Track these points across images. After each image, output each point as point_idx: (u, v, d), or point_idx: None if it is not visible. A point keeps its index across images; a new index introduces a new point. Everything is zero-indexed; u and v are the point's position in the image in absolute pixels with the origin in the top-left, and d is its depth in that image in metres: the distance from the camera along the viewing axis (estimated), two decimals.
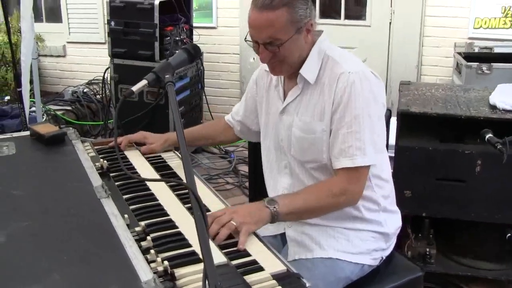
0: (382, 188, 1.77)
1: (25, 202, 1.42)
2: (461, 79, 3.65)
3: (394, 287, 1.77)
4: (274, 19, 1.57)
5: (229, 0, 4.68)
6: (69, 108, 4.93)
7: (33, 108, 4.26)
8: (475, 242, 2.68)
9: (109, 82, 4.35)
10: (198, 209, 0.96)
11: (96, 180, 1.55)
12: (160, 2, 3.91)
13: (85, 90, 5.05)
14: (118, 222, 1.32)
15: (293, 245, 1.76)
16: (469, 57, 3.68)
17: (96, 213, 1.36)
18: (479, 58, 3.63)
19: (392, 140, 2.49)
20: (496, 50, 3.70)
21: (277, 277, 1.27)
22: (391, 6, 4.21)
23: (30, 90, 4.62)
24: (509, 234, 2.46)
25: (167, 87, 1.30)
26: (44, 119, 4.34)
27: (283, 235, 1.81)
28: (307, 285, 1.26)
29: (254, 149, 2.56)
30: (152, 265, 1.19)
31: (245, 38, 1.67)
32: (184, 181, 1.09)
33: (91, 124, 4.85)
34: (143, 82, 1.36)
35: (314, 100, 1.70)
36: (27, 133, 1.96)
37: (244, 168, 4.19)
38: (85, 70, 5.38)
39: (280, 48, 1.61)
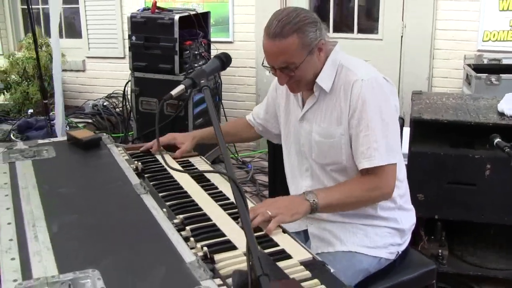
0: (399, 187, 1.88)
1: (72, 199, 1.56)
2: (470, 89, 3.76)
3: (409, 279, 1.88)
4: (286, 46, 1.69)
5: (245, 16, 4.83)
6: (89, 120, 5.11)
7: (55, 121, 4.43)
8: (485, 243, 2.79)
9: (129, 95, 4.52)
10: (237, 192, 1.09)
11: (134, 179, 1.69)
12: (180, 18, 4.08)
13: (105, 104, 5.23)
14: (159, 214, 1.45)
15: (315, 240, 1.88)
16: (478, 68, 3.80)
17: (138, 207, 1.49)
18: (488, 69, 3.74)
19: (405, 148, 2.61)
20: (505, 61, 3.81)
21: (304, 263, 1.39)
22: (402, 20, 4.35)
23: (51, 104, 4.81)
24: None
25: (203, 90, 1.44)
26: (67, 130, 4.50)
27: (305, 232, 1.93)
28: (332, 270, 1.38)
29: (273, 159, 2.70)
30: (193, 251, 1.31)
31: (262, 63, 1.80)
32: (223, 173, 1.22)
33: (112, 136, 5.00)
34: (181, 86, 1.49)
35: (330, 106, 1.82)
36: (64, 138, 2.11)
37: (261, 178, 4.32)
38: (104, 84, 5.55)
39: (295, 71, 1.73)
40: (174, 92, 1.49)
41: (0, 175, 1.70)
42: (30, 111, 4.92)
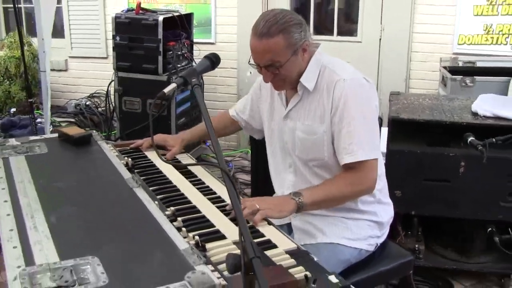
0: (377, 183, 1.98)
1: (67, 192, 1.63)
2: (446, 91, 3.89)
3: (388, 269, 1.98)
4: (272, 46, 1.78)
5: (227, 17, 4.90)
6: (72, 120, 5.14)
7: (39, 120, 4.45)
8: (460, 238, 2.91)
9: (112, 94, 4.55)
10: (229, 182, 1.17)
11: (125, 174, 1.75)
12: (164, 19, 4.14)
13: (87, 103, 5.25)
14: (151, 206, 1.52)
15: (298, 232, 1.97)
16: (454, 71, 3.93)
17: (131, 199, 1.56)
18: (463, 72, 3.88)
19: (383, 147, 2.72)
20: (479, 64, 3.96)
21: (289, 252, 1.48)
22: (381, 24, 4.47)
23: (34, 103, 4.82)
24: (490, 229, 2.68)
25: (194, 89, 1.51)
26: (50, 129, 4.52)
27: (289, 225, 2.02)
28: (315, 259, 1.48)
29: (256, 157, 2.78)
30: (185, 239, 1.39)
31: (249, 61, 1.89)
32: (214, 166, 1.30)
33: None
34: (173, 85, 1.56)
35: (314, 105, 1.92)
36: (55, 135, 2.16)
37: (242, 176, 4.40)
38: (86, 84, 5.56)
39: (279, 69, 1.82)
40: (166, 90, 1.56)
41: None
42: (13, 110, 4.92)
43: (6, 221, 1.40)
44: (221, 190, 1.83)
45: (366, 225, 1.98)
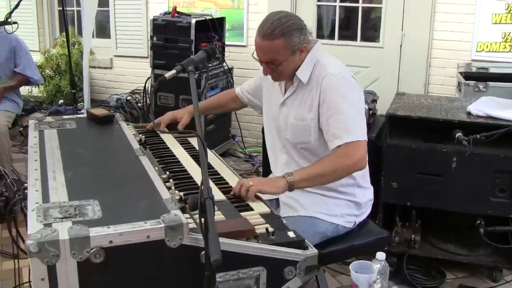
0: None
1: (85, 156, 1.97)
2: (461, 95, 4.06)
3: (363, 243, 2.23)
4: (273, 46, 2.06)
5: (258, 22, 5.21)
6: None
7: (83, 110, 4.90)
8: (453, 230, 3.09)
9: (149, 90, 4.96)
10: (201, 146, 1.47)
11: (135, 145, 2.08)
12: (197, 22, 4.51)
13: (128, 98, 5.68)
14: (149, 169, 1.83)
15: (284, 207, 2.25)
16: (469, 76, 4.09)
17: (134, 164, 1.88)
18: (477, 77, 4.04)
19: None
20: (492, 70, 4.10)
21: (261, 214, 1.76)
22: (402, 30, 4.68)
23: (80, 97, 5.30)
24: (478, 221, 2.86)
25: (189, 74, 1.83)
26: None
27: (277, 200, 2.30)
28: (284, 221, 1.74)
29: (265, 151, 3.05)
30: (172, 195, 1.70)
31: (252, 54, 2.19)
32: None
33: None
34: (173, 71, 1.88)
35: (305, 95, 2.19)
36: (85, 116, 2.53)
37: None
38: (128, 81, 6.01)
39: (278, 67, 2.11)
40: (167, 75, 1.88)
41: (32, 139, 2.12)
42: (61, 101, 5.42)
43: (33, 174, 1.75)
44: (229, 177, 2.06)
45: (344, 203, 2.23)
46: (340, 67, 2.19)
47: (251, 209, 1.81)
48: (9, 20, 3.69)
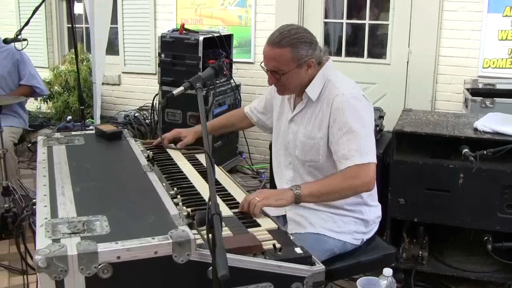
0: None
1: (93, 171, 1.99)
2: (467, 112, 4.07)
3: (370, 259, 2.22)
4: (279, 55, 2.08)
5: (265, 39, 5.25)
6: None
7: (91, 127, 4.94)
8: (461, 246, 3.08)
9: (157, 107, 4.99)
10: (209, 162, 1.48)
11: (143, 161, 2.10)
12: (204, 39, 4.56)
13: (136, 115, 5.72)
14: (157, 185, 1.85)
15: (291, 223, 2.24)
16: (476, 92, 4.10)
17: (143, 180, 1.89)
18: (484, 93, 4.05)
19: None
20: (499, 86, 4.11)
21: (269, 230, 1.76)
22: (408, 47, 4.70)
23: (88, 113, 5.35)
24: (486, 237, 2.84)
25: (197, 91, 1.85)
26: None
27: (284, 217, 2.30)
28: (290, 234, 1.75)
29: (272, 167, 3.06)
30: (180, 211, 1.70)
31: (261, 63, 2.21)
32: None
33: None
34: (181, 88, 1.90)
35: (315, 113, 2.20)
36: (93, 132, 2.55)
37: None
38: (136, 98, 6.05)
39: (281, 77, 2.12)
40: (175, 91, 1.90)
41: (40, 155, 2.15)
42: (69, 117, 5.46)
43: (42, 189, 1.76)
44: (236, 193, 2.06)
45: (352, 221, 2.23)
46: (351, 86, 2.18)
47: (258, 225, 1.81)
48: (19, 37, 3.74)
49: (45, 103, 6.13)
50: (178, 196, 1.84)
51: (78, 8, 6.44)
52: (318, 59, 2.16)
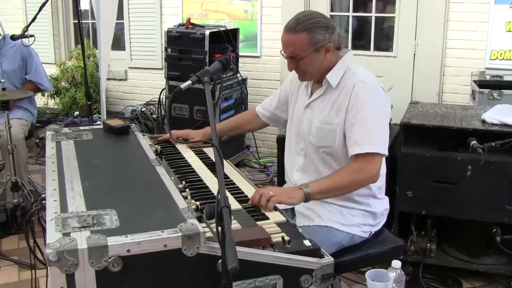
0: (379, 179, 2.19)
1: (101, 166, 2.00)
2: (475, 103, 4.05)
3: (378, 252, 2.21)
4: (296, 40, 2.10)
5: (272, 33, 5.24)
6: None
7: (98, 122, 4.95)
8: (469, 239, 3.07)
9: (164, 101, 5.00)
10: (218, 155, 1.49)
11: (152, 155, 2.11)
12: (211, 33, 4.55)
13: (142, 110, 5.73)
14: (166, 179, 1.86)
15: (300, 216, 2.25)
16: (483, 84, 4.08)
17: (151, 174, 1.91)
18: (491, 85, 4.02)
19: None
20: (506, 78, 4.08)
21: (277, 223, 1.77)
22: (415, 39, 4.68)
23: (95, 109, 5.37)
24: (494, 230, 2.84)
25: (205, 85, 1.85)
26: None
27: (292, 210, 2.30)
28: (300, 230, 1.75)
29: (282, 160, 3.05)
30: (187, 204, 1.71)
31: (280, 51, 2.21)
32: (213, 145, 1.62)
33: None
34: (188, 82, 1.91)
35: (333, 99, 2.19)
36: (101, 126, 2.56)
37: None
38: (143, 93, 6.07)
39: (299, 62, 2.13)
40: (183, 85, 1.90)
41: (49, 149, 2.16)
42: (77, 113, 5.48)
43: (51, 184, 1.78)
44: (244, 186, 2.07)
45: (360, 213, 2.23)
46: (371, 76, 2.19)
47: (267, 218, 1.81)
48: (26, 33, 3.76)
49: (53, 99, 6.15)
50: (187, 189, 1.85)
51: (84, 4, 6.45)
52: (336, 44, 2.16)
